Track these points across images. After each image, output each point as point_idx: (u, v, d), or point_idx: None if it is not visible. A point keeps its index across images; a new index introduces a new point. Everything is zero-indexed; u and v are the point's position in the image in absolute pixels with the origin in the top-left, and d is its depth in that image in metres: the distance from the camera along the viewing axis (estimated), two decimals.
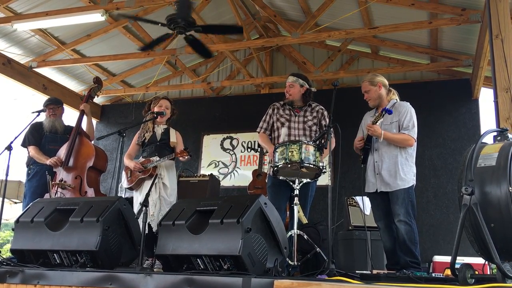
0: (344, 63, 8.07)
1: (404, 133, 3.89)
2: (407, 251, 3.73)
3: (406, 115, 3.94)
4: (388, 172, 3.88)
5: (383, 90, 4.11)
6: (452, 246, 2.45)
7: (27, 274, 2.85)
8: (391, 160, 3.90)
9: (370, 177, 4.04)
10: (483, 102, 6.97)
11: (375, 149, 4.01)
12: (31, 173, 5.03)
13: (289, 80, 4.42)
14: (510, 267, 2.27)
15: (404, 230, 3.74)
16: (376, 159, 3.98)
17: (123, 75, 8.56)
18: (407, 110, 3.97)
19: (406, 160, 3.89)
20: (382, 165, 3.92)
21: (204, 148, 8.20)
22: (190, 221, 3.10)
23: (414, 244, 3.72)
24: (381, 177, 3.91)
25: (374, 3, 6.09)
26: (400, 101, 4.10)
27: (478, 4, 5.49)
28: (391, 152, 3.91)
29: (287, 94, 4.41)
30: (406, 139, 3.89)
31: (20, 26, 6.40)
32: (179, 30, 4.99)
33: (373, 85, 4.12)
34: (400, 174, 3.84)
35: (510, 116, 4.28)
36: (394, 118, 3.97)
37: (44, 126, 5.12)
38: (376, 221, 4.05)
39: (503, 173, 2.40)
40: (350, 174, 7.06)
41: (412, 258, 3.71)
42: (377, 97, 4.11)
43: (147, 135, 4.62)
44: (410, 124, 3.90)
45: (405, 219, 3.74)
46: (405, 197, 3.80)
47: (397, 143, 3.91)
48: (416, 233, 3.76)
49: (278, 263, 2.97)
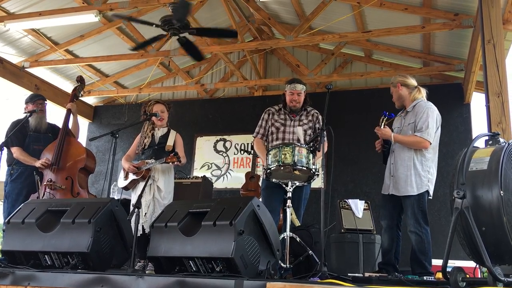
0: (338, 67, 8.09)
1: (416, 135, 3.79)
2: (418, 263, 3.69)
3: (421, 116, 3.81)
4: (400, 175, 3.82)
5: (404, 90, 4.02)
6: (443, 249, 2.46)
7: (17, 276, 2.83)
8: (404, 163, 3.82)
9: (386, 178, 4.00)
10: (475, 106, 7.03)
11: (392, 151, 3.97)
12: (15, 173, 4.83)
13: (297, 89, 4.33)
14: (501, 270, 2.28)
15: (414, 241, 3.71)
16: (392, 161, 3.94)
17: (116, 76, 8.54)
18: (424, 111, 3.83)
19: (420, 163, 3.79)
20: (396, 167, 3.87)
21: (197, 150, 8.19)
22: (182, 223, 3.09)
23: (424, 254, 3.67)
24: (394, 179, 3.87)
25: (368, 7, 6.12)
26: (421, 102, 3.95)
27: (471, 10, 5.54)
28: (405, 154, 3.84)
29: (294, 102, 4.34)
30: (418, 141, 3.77)
31: (13, 26, 6.37)
32: (173, 32, 4.99)
33: (393, 86, 4.08)
34: (411, 179, 3.76)
35: (501, 121, 4.31)
36: (411, 119, 3.89)
37: (30, 124, 4.96)
38: (381, 219, 4.03)
39: (495, 177, 2.41)
40: (343, 177, 7.08)
41: (422, 269, 3.65)
42: (398, 97, 4.06)
43: (146, 141, 4.60)
44: (424, 125, 3.76)
45: (415, 230, 3.69)
46: (415, 206, 3.72)
47: (408, 145, 3.83)
48: (427, 242, 3.68)
49: (270, 265, 2.97)
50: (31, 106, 5.05)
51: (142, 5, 6.11)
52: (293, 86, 4.34)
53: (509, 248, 2.37)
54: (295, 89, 4.33)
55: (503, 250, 2.39)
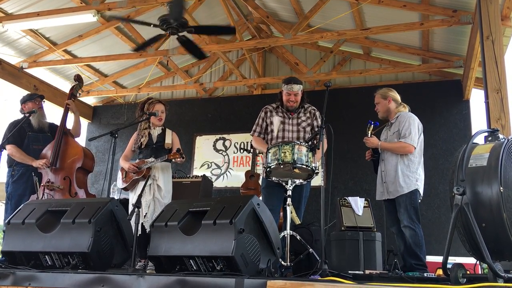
0: (337, 64, 8.09)
1: (400, 141, 4.07)
2: (412, 254, 3.88)
3: (404, 124, 4.10)
4: (391, 180, 4.07)
5: (392, 104, 4.30)
6: (443, 246, 2.46)
7: (18, 276, 2.83)
8: (392, 168, 4.08)
9: (378, 185, 4.24)
10: (474, 103, 7.03)
11: (382, 159, 4.22)
12: (16, 174, 4.83)
13: (294, 89, 4.33)
14: (501, 266, 2.29)
15: (408, 235, 3.91)
16: (382, 169, 4.18)
17: (115, 76, 8.53)
18: (406, 120, 4.13)
19: (407, 166, 4.05)
20: (386, 173, 4.12)
21: (197, 149, 8.19)
22: (182, 222, 3.09)
23: (418, 247, 3.87)
24: (386, 185, 4.11)
25: (366, 5, 6.12)
26: (403, 113, 4.25)
27: (469, 6, 5.53)
28: (392, 160, 4.10)
29: (291, 102, 4.35)
30: (402, 146, 4.05)
31: (11, 27, 6.36)
32: (172, 31, 4.98)
33: (384, 98, 4.33)
34: (399, 180, 4.00)
35: (500, 117, 4.32)
36: (395, 128, 4.17)
37: (33, 124, 4.96)
38: (389, 227, 4.25)
39: (494, 173, 2.41)
40: (343, 175, 7.09)
41: (417, 260, 3.85)
42: (386, 110, 4.33)
43: (143, 140, 4.58)
44: (407, 132, 4.05)
45: (409, 224, 3.91)
46: (407, 203, 3.96)
47: (395, 151, 4.10)
48: (420, 236, 3.91)
49: (271, 263, 2.97)
50: (31, 104, 5.02)
51: (140, 4, 6.10)
52: (290, 87, 4.33)
53: (509, 244, 2.38)
54: (292, 90, 4.33)
55: (503, 246, 2.40)
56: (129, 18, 6.50)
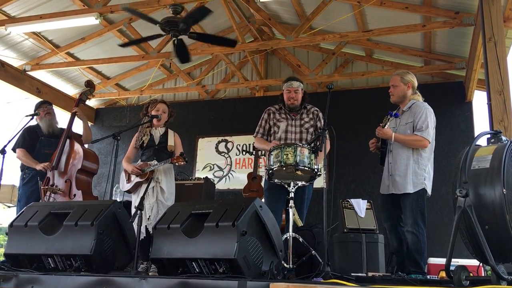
0: (339, 66, 8.09)
1: (416, 134, 3.85)
2: (413, 262, 3.74)
3: (421, 116, 3.88)
4: (399, 174, 3.87)
5: (410, 90, 4.06)
6: (446, 248, 2.45)
7: (21, 279, 2.83)
8: (403, 162, 3.87)
9: (384, 178, 4.04)
10: (477, 104, 7.04)
11: (390, 151, 4.01)
12: (27, 177, 4.96)
13: (294, 86, 4.36)
14: (504, 269, 2.28)
15: (411, 241, 3.75)
16: (390, 161, 3.98)
17: (117, 78, 8.54)
18: (422, 111, 3.90)
19: (416, 162, 3.85)
20: (394, 167, 3.91)
21: (199, 151, 8.19)
22: (185, 225, 3.09)
23: (420, 254, 3.72)
24: (393, 178, 3.91)
25: (368, 7, 6.12)
26: (418, 102, 4.03)
27: (471, 7, 5.53)
28: (403, 153, 3.88)
29: (292, 100, 4.36)
30: (418, 140, 3.84)
31: (14, 30, 6.39)
32: (174, 33, 4.99)
33: (404, 83, 4.05)
34: (409, 177, 3.81)
35: (503, 119, 4.31)
36: (409, 118, 3.95)
37: (43, 129, 5.05)
38: (383, 222, 4.09)
39: (497, 175, 2.40)
40: (345, 177, 7.08)
41: (416, 268, 3.71)
42: (402, 96, 4.06)
43: (145, 139, 4.60)
44: (424, 125, 3.84)
45: (413, 230, 3.74)
46: (413, 206, 3.78)
47: (409, 145, 3.88)
48: (423, 242, 3.74)
49: (273, 266, 2.97)
50: (41, 112, 5.12)
51: (142, 7, 6.11)
52: (289, 84, 4.38)
53: None
54: (292, 86, 4.36)
55: (507, 248, 2.39)
56: (132, 18, 6.50)
